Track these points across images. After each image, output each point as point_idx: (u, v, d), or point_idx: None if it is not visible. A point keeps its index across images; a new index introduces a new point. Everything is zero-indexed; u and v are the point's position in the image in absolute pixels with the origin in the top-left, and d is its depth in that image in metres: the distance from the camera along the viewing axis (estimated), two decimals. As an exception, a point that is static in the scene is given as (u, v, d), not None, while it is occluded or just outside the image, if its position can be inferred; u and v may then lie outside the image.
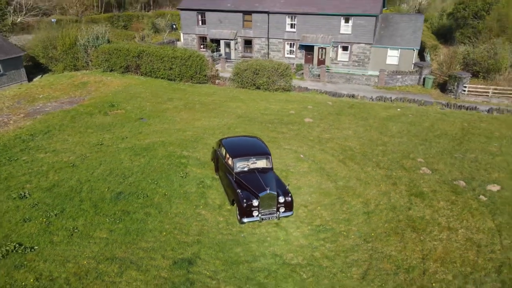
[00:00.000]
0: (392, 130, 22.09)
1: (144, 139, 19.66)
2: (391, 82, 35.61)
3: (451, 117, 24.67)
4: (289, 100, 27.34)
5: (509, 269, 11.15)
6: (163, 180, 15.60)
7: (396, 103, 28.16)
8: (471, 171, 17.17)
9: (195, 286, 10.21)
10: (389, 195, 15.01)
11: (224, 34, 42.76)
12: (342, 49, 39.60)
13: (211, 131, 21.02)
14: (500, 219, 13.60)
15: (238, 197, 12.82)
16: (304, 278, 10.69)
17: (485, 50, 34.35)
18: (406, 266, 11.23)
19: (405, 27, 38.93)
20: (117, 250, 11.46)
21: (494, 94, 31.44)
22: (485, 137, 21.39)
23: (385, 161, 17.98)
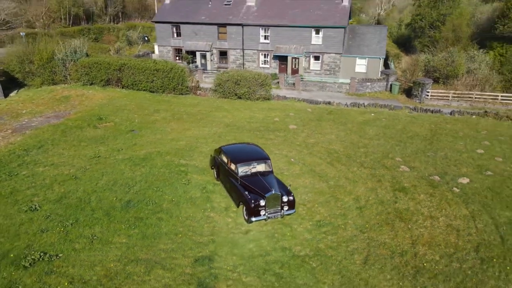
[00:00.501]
0: (369, 133, 24.07)
1: (140, 150, 20.36)
2: (361, 89, 38.08)
3: (419, 120, 27.12)
4: (271, 108, 28.83)
5: (485, 248, 13.03)
6: (167, 188, 16.46)
7: (369, 108, 30.40)
8: (443, 167, 19.31)
9: (219, 278, 11.25)
10: (376, 191, 16.71)
11: (199, 46, 43.82)
12: (314, 58, 41.76)
13: (203, 140, 22.03)
14: (472, 207, 15.61)
15: (246, 198, 14.00)
16: (314, 267, 11.99)
17: (444, 58, 37.63)
18: (399, 251, 12.83)
19: (371, 38, 41.74)
20: (139, 253, 12.27)
21: (454, 98, 34.57)
22: (451, 136, 23.84)
23: (368, 161, 19.78)
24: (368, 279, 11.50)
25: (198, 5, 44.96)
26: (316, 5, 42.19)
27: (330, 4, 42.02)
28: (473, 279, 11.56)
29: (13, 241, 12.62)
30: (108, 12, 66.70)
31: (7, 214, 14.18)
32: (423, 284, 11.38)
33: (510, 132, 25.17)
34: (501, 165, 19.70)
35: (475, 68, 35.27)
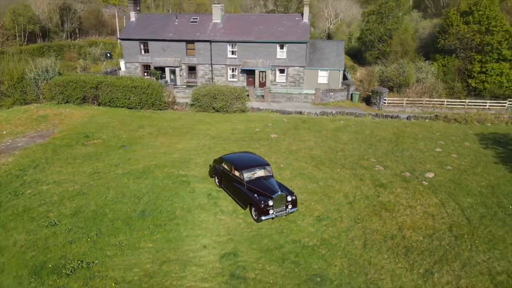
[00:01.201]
0: (343, 138, 26.79)
1: (137, 164, 21.36)
2: (325, 98, 41.24)
3: (383, 125, 30.42)
4: (249, 120, 30.80)
5: (456, 228, 15.79)
6: (175, 197, 17.75)
7: (337, 116, 33.36)
8: (411, 165, 22.32)
9: (246, 269, 12.88)
10: (360, 188, 19.16)
11: (168, 62, 44.93)
12: (279, 71, 44.47)
13: (195, 152, 23.43)
14: (440, 196, 18.52)
15: (256, 200, 15.75)
16: (323, 253, 13.99)
17: (395, 69, 41.93)
18: (390, 235, 15.21)
19: (330, 52, 45.31)
20: (168, 254, 13.57)
21: (407, 104, 38.69)
22: (412, 138, 27.21)
23: (347, 163, 22.31)
24: (370, 259, 13.70)
25: (165, 22, 46.20)
26: (278, 22, 45.14)
27: (292, 21, 45.18)
28: (452, 252, 14.17)
29: (45, 253, 13.37)
30: (65, 29, 65.41)
31: (29, 230, 14.79)
32: (413, 259, 13.77)
33: (458, 132, 29.11)
34: (457, 161, 23.11)
35: (423, 77, 39.76)
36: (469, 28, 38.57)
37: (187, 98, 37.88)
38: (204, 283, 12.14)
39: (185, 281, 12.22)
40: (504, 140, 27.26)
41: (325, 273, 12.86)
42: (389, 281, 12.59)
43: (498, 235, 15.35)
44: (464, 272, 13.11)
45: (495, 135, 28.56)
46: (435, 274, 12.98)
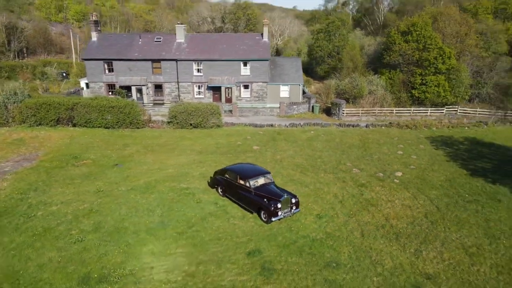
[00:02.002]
0: (317, 147, 29.78)
1: (137, 181, 22.43)
2: (289, 111, 44.46)
3: (348, 133, 34.02)
4: (228, 134, 32.79)
5: (430, 215, 19.10)
6: (186, 208, 19.24)
7: (306, 127, 36.50)
8: (381, 166, 25.76)
9: (273, 262, 14.88)
10: (345, 188, 22.02)
11: (134, 81, 45.54)
12: (244, 87, 47.04)
13: (188, 166, 24.93)
14: (411, 191, 21.95)
15: (266, 204, 17.83)
16: (331, 244, 16.42)
17: (349, 82, 46.43)
18: (380, 225, 18.07)
19: (289, 67, 48.86)
20: (200, 256, 15.15)
21: (363, 114, 43.12)
22: (376, 143, 30.96)
23: (328, 168, 25.18)
24: (370, 245, 16.37)
25: (129, 42, 46.86)
26: (240, 41, 47.90)
27: (253, 40, 48.17)
28: (431, 234, 17.33)
29: (85, 266, 14.33)
30: (12, 48, 62.70)
31: (58, 247, 15.52)
32: (404, 242, 16.68)
33: (412, 137, 33.52)
34: (417, 161, 27.03)
35: (374, 89, 44.56)
36: (409, 46, 44.16)
37: (155, 115, 38.96)
38: (242, 277, 13.96)
39: (224, 276, 13.94)
40: (450, 142, 32.05)
41: (337, 259, 15.26)
42: (390, 261, 15.30)
43: (463, 218, 18.88)
44: (444, 248, 16.25)
45: (441, 137, 33.35)
46: (423, 252, 15.95)
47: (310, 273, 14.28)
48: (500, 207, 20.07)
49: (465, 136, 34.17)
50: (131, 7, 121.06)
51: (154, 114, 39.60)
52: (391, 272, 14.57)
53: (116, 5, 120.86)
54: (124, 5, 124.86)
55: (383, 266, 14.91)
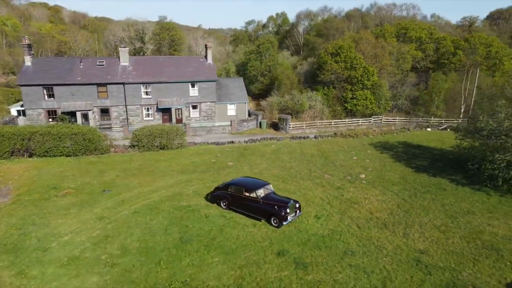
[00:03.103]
0: (285, 159, 32.92)
1: (136, 204, 22.91)
2: (240, 128, 47.19)
3: (304, 145, 37.90)
4: (198, 153, 34.18)
5: (401, 206, 23.33)
6: (198, 223, 20.58)
7: (263, 141, 39.48)
8: (346, 171, 29.84)
9: (302, 258, 17.28)
10: (327, 192, 25.39)
11: (79, 106, 44.00)
12: (193, 107, 48.58)
13: (178, 186, 25.98)
14: (379, 188, 26.19)
15: (276, 211, 20.16)
16: (338, 238, 19.37)
17: (290, 99, 50.96)
18: (368, 218, 21.65)
19: (233, 87, 51.80)
20: (238, 262, 16.87)
21: (306, 127, 47.78)
22: (332, 152, 35.25)
23: (304, 176, 28.39)
24: (369, 234, 19.74)
25: (69, 66, 45.24)
26: (186, 63, 49.54)
27: (198, 62, 50.18)
28: (409, 220, 21.41)
29: (137, 285, 15.07)
30: None
31: (98, 272, 15.85)
32: (392, 229, 20.39)
33: (357, 144, 38.72)
34: (371, 164, 31.79)
35: (313, 104, 49.69)
36: (339, 66, 50.46)
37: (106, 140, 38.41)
38: (284, 272, 16.09)
39: (268, 274, 15.91)
40: (388, 146, 37.91)
41: (350, 249, 18.27)
42: (389, 244, 18.81)
43: (425, 205, 23.51)
44: (423, 229, 20.37)
45: (380, 143, 39.17)
46: (409, 234, 19.84)
47: (335, 262, 17.01)
48: (447, 194, 25.29)
49: (397, 140, 40.59)
50: (38, 27, 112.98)
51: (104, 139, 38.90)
52: (394, 252, 18.04)
53: (19, 24, 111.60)
54: (29, 24, 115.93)
55: (386, 249, 18.33)
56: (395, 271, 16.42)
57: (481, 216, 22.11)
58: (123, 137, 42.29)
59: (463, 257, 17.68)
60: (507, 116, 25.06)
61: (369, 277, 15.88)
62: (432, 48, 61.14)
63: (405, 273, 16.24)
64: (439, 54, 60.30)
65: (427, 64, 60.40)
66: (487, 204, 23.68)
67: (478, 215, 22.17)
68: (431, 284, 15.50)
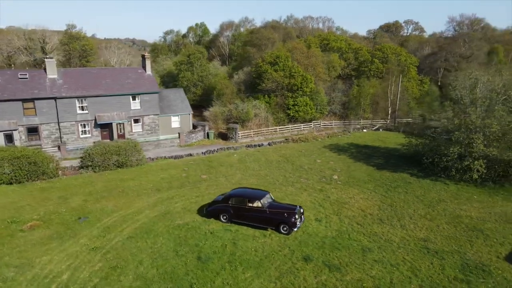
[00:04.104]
0: (254, 167, 32.92)
1: (126, 228, 20.75)
2: (188, 140, 45.77)
3: (264, 152, 38.34)
4: (162, 168, 32.20)
5: (385, 201, 25.18)
6: (205, 240, 19.50)
7: (222, 152, 38.86)
8: (318, 174, 31.06)
9: (330, 260, 17.57)
10: (312, 195, 26.13)
11: (1, 126, 38.08)
12: (134, 121, 45.65)
13: (162, 204, 24.21)
14: (356, 188, 27.82)
15: (285, 218, 20.14)
16: (348, 237, 20.13)
17: (234, 108, 51.08)
18: (363, 215, 22.89)
19: (175, 98, 50.11)
20: (271, 273, 16.47)
21: (254, 134, 48.39)
22: (295, 157, 36.32)
23: (283, 182, 28.78)
24: (372, 230, 20.91)
25: (-16, 81, 38.90)
26: (124, 75, 46.43)
27: (136, 74, 47.40)
28: (399, 213, 23.23)
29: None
30: None
31: (131, 309, 14.05)
32: (389, 223, 21.90)
33: (313, 148, 40.52)
34: (336, 165, 33.59)
35: (258, 112, 50.55)
36: (278, 74, 52.31)
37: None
38: (322, 276, 16.16)
39: (309, 281, 15.84)
40: (341, 147, 40.48)
41: (365, 245, 19.14)
42: (395, 237, 20.18)
43: (404, 198, 25.75)
44: (413, 220, 22.29)
45: (331, 145, 41.62)
46: (406, 225, 21.55)
47: (361, 260, 17.68)
48: (414, 187, 28.07)
49: (345, 142, 43.57)
50: None
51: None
52: (403, 243, 19.44)
53: None
54: None
55: (395, 242, 19.65)
56: (415, 260, 17.71)
57: (451, 203, 25.04)
58: (61, 158, 37.72)
59: (459, 240, 19.84)
60: (456, 115, 28.95)
61: (398, 269, 16.87)
62: (352, 57, 67.14)
63: (424, 261, 17.63)
64: (358, 62, 66.44)
65: (350, 72, 66.09)
66: (450, 192, 26.91)
67: (448, 202, 25.06)
68: (450, 267, 17.11)
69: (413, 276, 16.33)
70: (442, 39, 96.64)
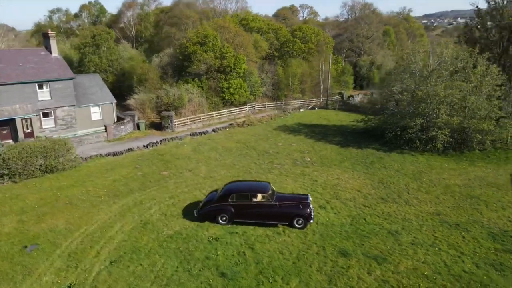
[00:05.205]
0: (216, 157, 29.18)
1: (101, 252, 15.74)
2: (118, 133, 39.31)
3: (217, 140, 34.61)
4: (107, 169, 26.27)
5: (373, 178, 24.23)
6: (214, 250, 15.80)
7: (165, 144, 33.88)
8: (288, 157, 28.87)
9: (369, 252, 15.60)
10: (299, 181, 23.88)
11: None
12: (44, 115, 37.41)
13: (131, 214, 19.31)
14: (336, 168, 26.44)
15: (300, 211, 17.48)
16: (364, 220, 18.45)
17: (164, 94, 45.53)
18: (362, 196, 21.51)
19: (91, 86, 42.62)
20: (320, 278, 13.81)
21: (191, 122, 43.97)
22: (253, 142, 33.48)
23: (258, 171, 25.86)
24: (382, 210, 19.61)
25: None
26: (21, 58, 37.40)
27: (38, 56, 38.67)
28: (395, 190, 22.45)
29: None
30: None
31: None
32: (392, 200, 20.90)
33: (265, 131, 38.09)
34: (300, 147, 31.83)
35: (192, 97, 45.92)
36: (209, 55, 48.16)
37: None
38: (375, 272, 14.08)
39: (366, 279, 13.63)
40: (292, 128, 39.04)
41: (387, 228, 17.67)
42: (408, 215, 19.14)
43: (387, 173, 25.22)
44: (413, 195, 21.72)
45: (281, 127, 39.92)
46: (409, 201, 20.81)
47: (399, 246, 16.09)
48: (388, 161, 27.90)
49: (292, 123, 42.23)
50: None
51: None
52: (421, 220, 18.54)
53: None
54: None
55: (412, 220, 18.63)
56: (447, 237, 16.86)
57: (430, 173, 25.35)
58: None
59: (466, 209, 19.75)
60: (417, 87, 29.45)
61: (441, 250, 15.77)
62: (273, 37, 66.03)
63: (455, 236, 16.89)
64: (280, 42, 65.66)
65: (273, 52, 64.95)
66: (422, 163, 27.36)
67: (428, 173, 25.31)
68: (482, 239, 16.64)
69: (460, 255, 15.34)
70: (340, 22, 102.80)
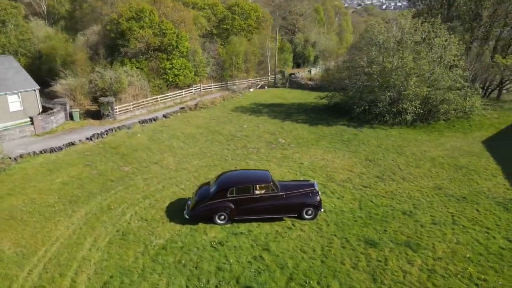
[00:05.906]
0: (181, 146, 25.61)
1: (79, 280, 12.07)
2: (47, 125, 33.33)
3: (174, 127, 30.71)
4: (50, 170, 21.28)
5: (360, 156, 22.96)
6: (224, 259, 13.08)
7: (113, 134, 29.15)
8: (260, 140, 26.46)
9: (397, 238, 14.09)
10: (285, 165, 21.71)
11: None
12: None
13: (100, 224, 15.49)
14: (316, 148, 24.73)
15: (309, 201, 15.40)
16: (372, 204, 17.04)
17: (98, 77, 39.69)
18: (356, 176, 20.11)
19: (4, 70, 35.46)
20: (360, 277, 11.91)
21: (134, 108, 39.12)
22: (215, 126, 30.31)
23: (235, 157, 23.13)
24: (384, 189, 18.38)
25: None
26: None
27: None
28: (387, 168, 21.39)
29: None
30: None
31: None
32: (387, 179, 19.79)
33: (220, 113, 34.99)
34: (268, 128, 29.53)
35: (132, 80, 40.68)
36: (146, 33, 42.96)
37: None
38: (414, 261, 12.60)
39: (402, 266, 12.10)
40: (250, 109, 36.64)
41: (400, 209, 16.42)
42: (412, 193, 18.11)
43: (370, 150, 24.17)
44: (406, 172, 20.85)
45: (240, 108, 37.24)
46: (405, 177, 19.89)
47: (421, 228, 14.86)
48: (364, 137, 27.01)
49: (247, 103, 39.65)
50: None
51: None
52: (428, 196, 17.68)
53: None
54: None
55: (418, 198, 17.66)
56: (462, 212, 16.12)
57: (409, 146, 24.93)
58: None
59: (463, 181, 19.39)
60: (387, 60, 28.67)
61: (465, 227, 14.88)
62: (210, 13, 61.90)
63: (470, 211, 16.22)
64: (218, 19, 61.82)
65: (212, 29, 60.97)
66: (397, 137, 26.92)
67: (408, 146, 24.86)
68: (494, 209, 16.19)
69: (487, 230, 14.58)
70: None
